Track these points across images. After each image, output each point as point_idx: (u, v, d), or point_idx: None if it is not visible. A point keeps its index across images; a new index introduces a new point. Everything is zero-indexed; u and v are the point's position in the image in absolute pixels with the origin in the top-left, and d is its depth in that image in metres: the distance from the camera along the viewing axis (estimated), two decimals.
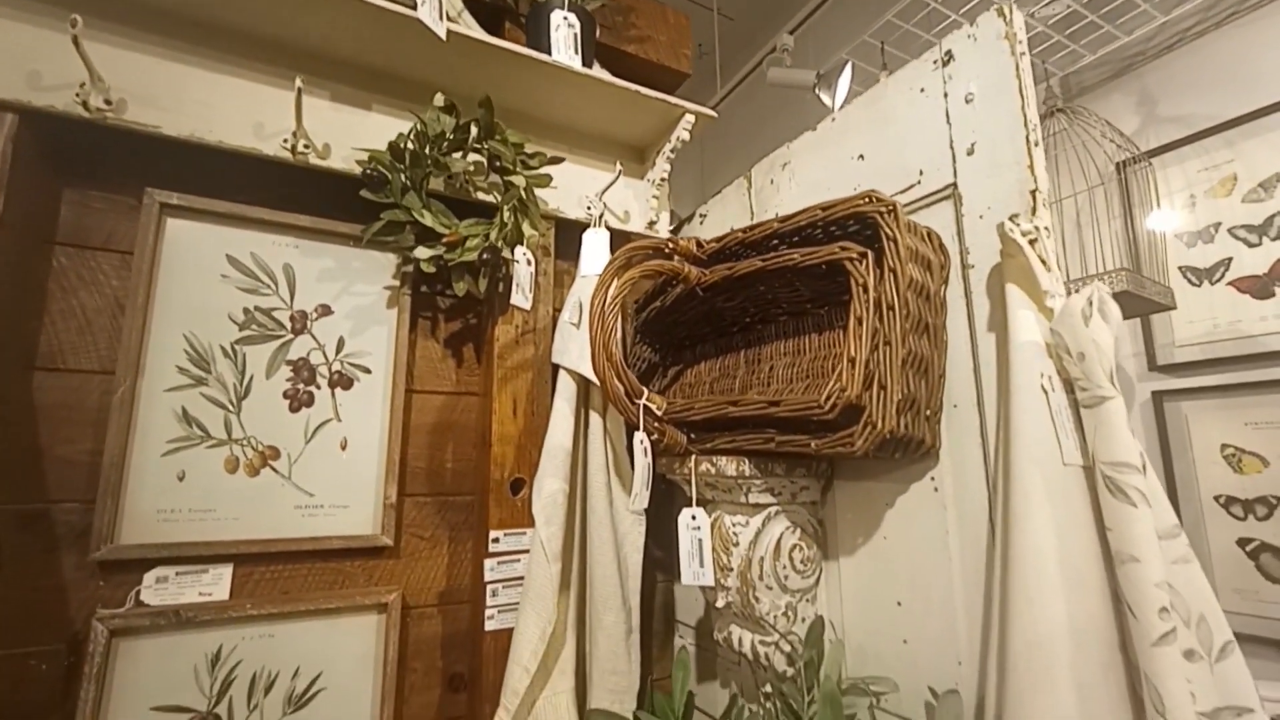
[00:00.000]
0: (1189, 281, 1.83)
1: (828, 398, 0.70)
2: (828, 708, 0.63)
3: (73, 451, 0.89)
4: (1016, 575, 0.58)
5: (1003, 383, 0.67)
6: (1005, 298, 0.67)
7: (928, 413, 0.76)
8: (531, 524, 0.99)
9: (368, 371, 1.07)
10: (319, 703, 0.97)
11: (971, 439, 0.75)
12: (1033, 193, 0.69)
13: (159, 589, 0.90)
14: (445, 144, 0.98)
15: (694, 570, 0.88)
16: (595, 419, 1.07)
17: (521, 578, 1.02)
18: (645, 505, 0.88)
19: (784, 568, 0.87)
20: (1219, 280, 1.76)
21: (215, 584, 0.93)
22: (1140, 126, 1.96)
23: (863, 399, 0.70)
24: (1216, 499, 1.68)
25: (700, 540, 0.88)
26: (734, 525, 0.89)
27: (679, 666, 0.74)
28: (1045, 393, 0.60)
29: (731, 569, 0.88)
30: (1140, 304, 1.69)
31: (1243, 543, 1.62)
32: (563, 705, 0.98)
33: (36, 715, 0.83)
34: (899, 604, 0.82)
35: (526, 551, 1.04)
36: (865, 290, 0.72)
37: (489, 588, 1.03)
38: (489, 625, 1.02)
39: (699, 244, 0.96)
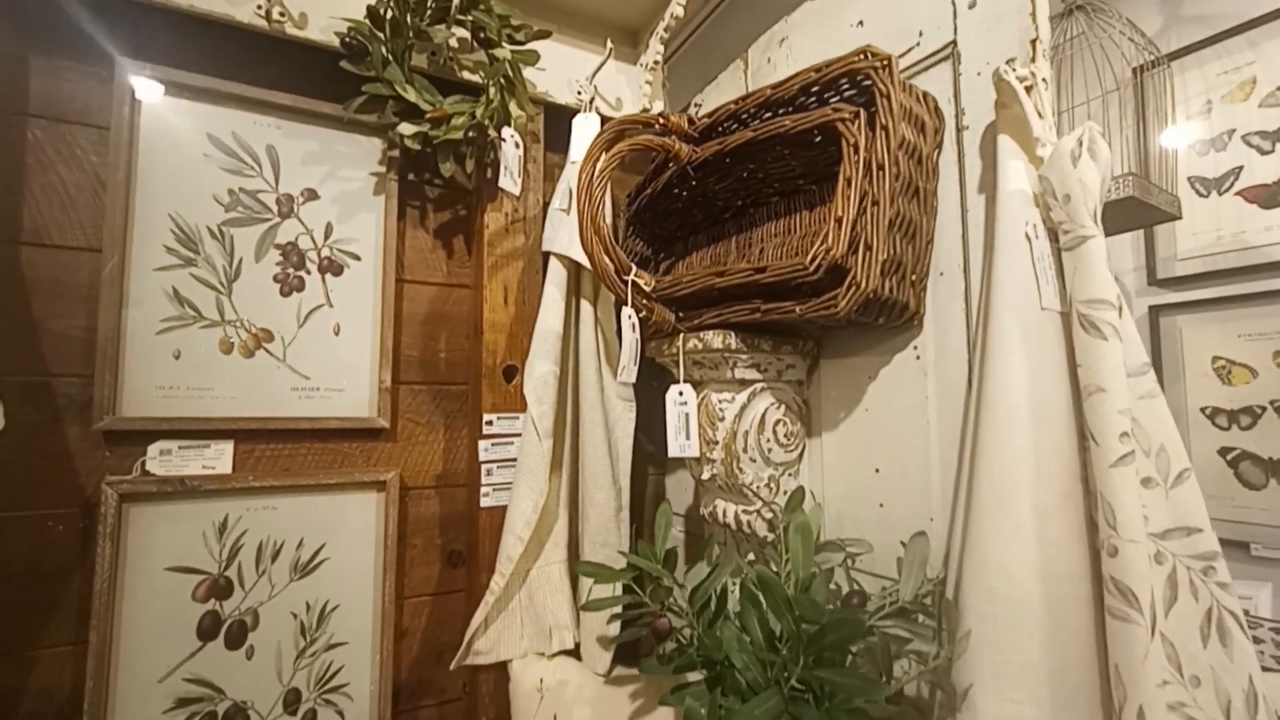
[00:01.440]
0: (1197, 192, 1.79)
1: (813, 259, 0.70)
2: (798, 536, 0.66)
3: (67, 327, 0.90)
4: (988, 413, 0.59)
5: (989, 240, 0.67)
6: (996, 150, 0.65)
7: (913, 278, 0.76)
8: (524, 409, 1.01)
9: (357, 259, 1.07)
10: (323, 571, 1.02)
11: (956, 305, 0.76)
12: (1033, 42, 0.67)
13: (163, 460, 0.93)
14: (427, 12, 0.93)
15: (680, 443, 0.91)
16: (586, 307, 1.07)
17: (515, 459, 1.05)
18: (633, 380, 0.89)
19: (768, 441, 0.90)
20: (1227, 190, 1.72)
21: (217, 459, 0.96)
22: (1163, 27, 1.87)
23: (848, 261, 0.70)
24: (1202, 410, 1.71)
25: (687, 415, 0.90)
26: (720, 401, 0.91)
27: (661, 516, 0.77)
28: (1029, 240, 0.60)
29: (717, 442, 0.90)
30: (1146, 212, 1.66)
31: (1224, 452, 1.66)
32: (556, 574, 1.03)
33: (59, 571, 0.87)
34: (877, 471, 0.84)
35: (519, 435, 1.06)
36: (855, 150, 0.71)
37: (484, 467, 1.06)
38: (484, 502, 1.06)
39: (690, 120, 0.93)
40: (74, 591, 0.88)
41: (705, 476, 0.93)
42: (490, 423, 1.07)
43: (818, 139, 0.82)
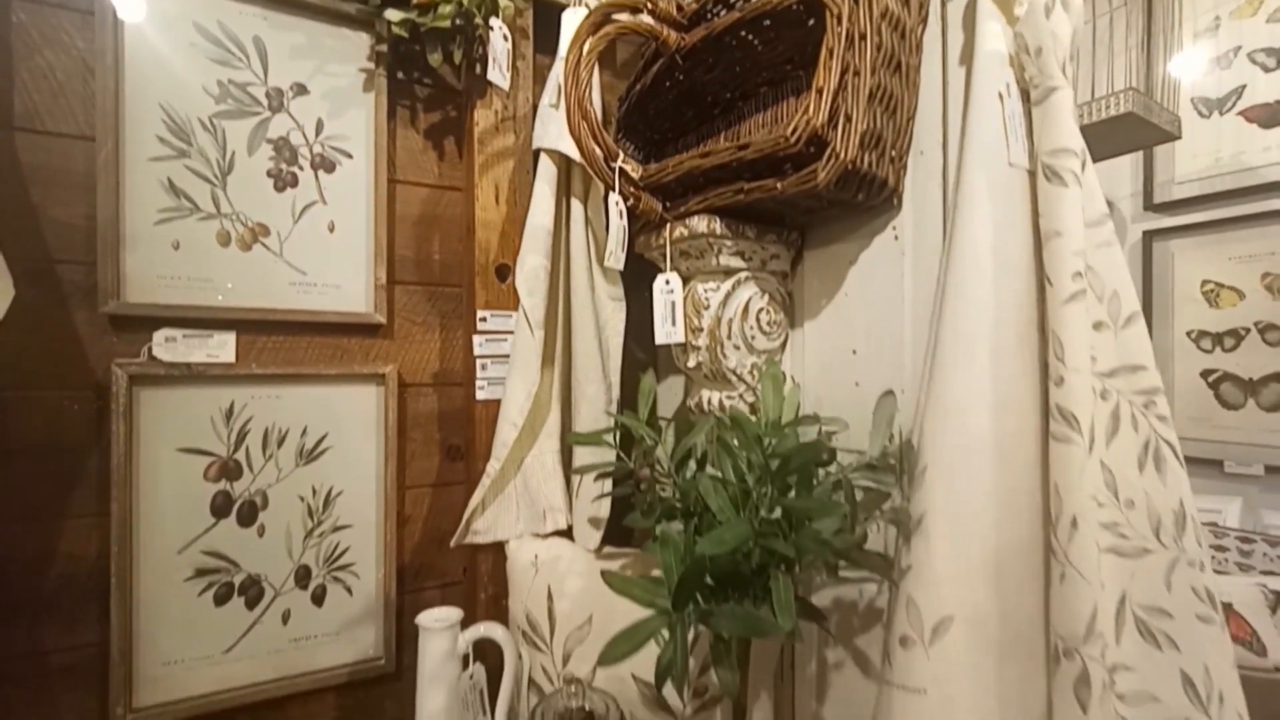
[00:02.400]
0: (1199, 113, 1.77)
1: (793, 129, 0.71)
2: (769, 382, 0.70)
3: (67, 214, 0.92)
4: (954, 269, 0.62)
5: (966, 103, 0.68)
6: (976, 13, 0.66)
7: (893, 154, 0.77)
8: (516, 307, 1.04)
9: (349, 156, 1.08)
10: (327, 459, 1.07)
11: (934, 183, 0.77)
12: None
13: (169, 347, 0.96)
14: None
15: (666, 330, 0.94)
16: (576, 206, 1.08)
17: (509, 355, 1.09)
18: (620, 265, 0.92)
19: (751, 328, 0.93)
20: (1229, 110, 1.70)
21: (220, 348, 1.00)
22: None
23: (827, 133, 0.71)
24: (1189, 334, 1.74)
25: (673, 303, 0.94)
26: (705, 290, 0.94)
27: (644, 382, 0.81)
28: (1001, 99, 0.62)
29: (702, 329, 0.93)
30: (1145, 131, 1.64)
31: (1206, 374, 1.69)
32: (549, 463, 1.08)
33: (77, 448, 0.92)
34: (854, 352, 0.88)
35: (513, 332, 1.09)
36: (839, 21, 0.71)
37: (479, 362, 1.10)
38: (480, 395, 1.10)
39: (679, 6, 0.93)
40: (93, 467, 0.93)
41: (691, 365, 0.97)
42: (484, 319, 1.10)
43: (802, 11, 0.82)
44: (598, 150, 0.88)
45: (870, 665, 0.83)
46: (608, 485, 0.94)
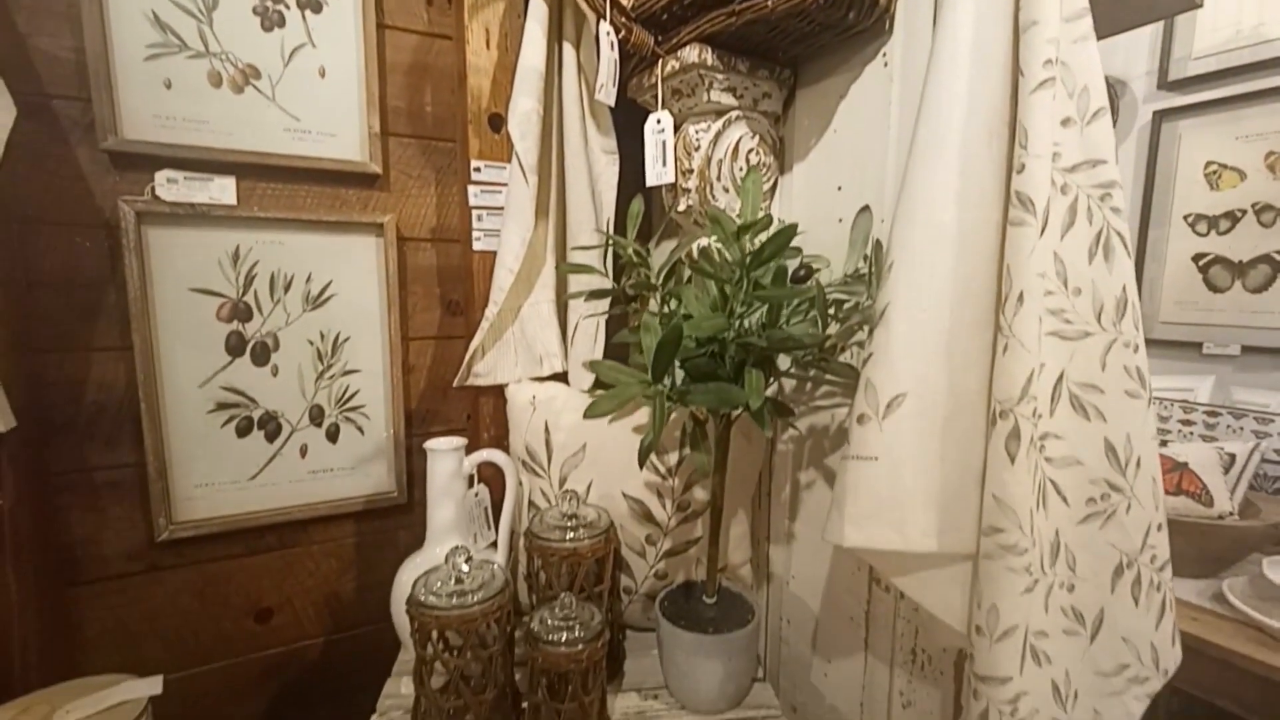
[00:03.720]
0: None
1: None
2: (746, 185, 0.73)
3: (55, 46, 0.91)
4: (933, 66, 0.63)
5: None
6: None
7: None
8: (510, 158, 1.05)
9: None
10: (333, 305, 1.12)
11: (927, 1, 0.77)
12: None
13: (171, 188, 0.99)
14: None
15: (657, 171, 0.96)
16: (569, 51, 1.07)
17: (503, 207, 1.11)
18: (611, 101, 0.92)
19: (740, 169, 0.95)
20: None
21: (222, 192, 1.02)
22: None
23: None
24: (1185, 218, 1.73)
25: (664, 143, 0.95)
26: (696, 132, 0.94)
27: (632, 205, 0.84)
28: None
29: (692, 170, 0.95)
30: None
31: (1197, 258, 1.70)
32: (544, 311, 1.13)
33: (95, 283, 0.97)
34: (839, 189, 0.90)
35: (507, 184, 1.11)
36: None
37: (474, 213, 1.13)
38: (476, 246, 1.14)
39: None
40: (112, 302, 0.98)
41: (681, 209, 0.99)
42: (478, 169, 1.11)
43: None
44: None
45: None
46: (600, 306, 0.99)
